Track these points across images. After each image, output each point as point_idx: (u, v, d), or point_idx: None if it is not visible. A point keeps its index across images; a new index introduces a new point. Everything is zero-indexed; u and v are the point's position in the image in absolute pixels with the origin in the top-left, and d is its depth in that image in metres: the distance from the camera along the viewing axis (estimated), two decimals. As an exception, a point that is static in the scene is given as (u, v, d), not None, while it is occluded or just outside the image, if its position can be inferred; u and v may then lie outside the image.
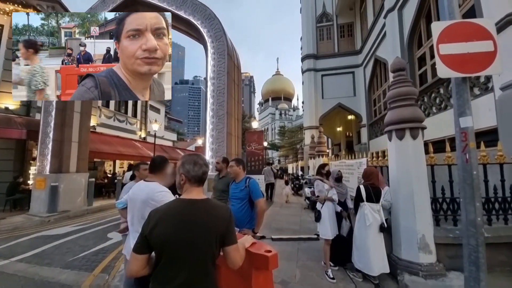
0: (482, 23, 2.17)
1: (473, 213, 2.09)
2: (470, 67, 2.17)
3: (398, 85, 3.44)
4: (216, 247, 1.20)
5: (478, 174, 2.13)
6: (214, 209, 1.26)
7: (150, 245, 1.15)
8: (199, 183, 1.27)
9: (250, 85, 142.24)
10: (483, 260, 2.01)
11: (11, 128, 8.23)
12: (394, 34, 8.50)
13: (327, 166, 3.78)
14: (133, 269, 1.17)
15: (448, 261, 3.01)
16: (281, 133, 45.16)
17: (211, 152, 6.30)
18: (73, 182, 8.22)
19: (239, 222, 2.59)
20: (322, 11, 15.33)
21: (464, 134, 2.20)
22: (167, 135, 21.42)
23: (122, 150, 12.67)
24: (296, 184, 12.44)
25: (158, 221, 1.17)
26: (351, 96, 13.99)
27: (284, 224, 6.08)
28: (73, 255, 4.25)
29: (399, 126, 3.28)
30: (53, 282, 3.27)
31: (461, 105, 2.23)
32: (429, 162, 3.37)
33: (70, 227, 6.25)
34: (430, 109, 6.80)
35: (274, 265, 1.50)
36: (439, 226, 3.26)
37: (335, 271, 3.39)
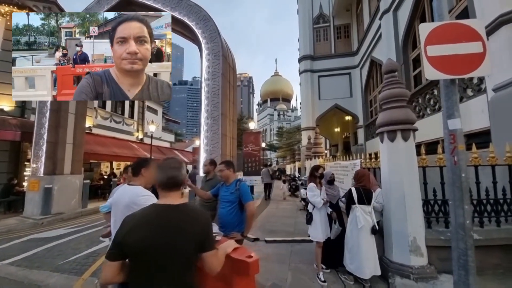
0: (471, 24, 2.16)
1: (461, 216, 2.07)
2: (459, 69, 2.16)
3: (390, 87, 3.43)
4: (194, 253, 1.17)
5: (467, 177, 2.11)
6: (191, 214, 1.23)
7: (124, 252, 1.12)
8: (169, 188, 1.23)
9: (249, 86, 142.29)
10: (473, 264, 1.99)
11: (5, 130, 8.16)
12: (389, 35, 8.52)
13: (321, 168, 3.75)
14: (107, 275, 1.14)
15: (439, 264, 2.99)
16: (279, 134, 45.15)
17: (205, 154, 6.26)
18: (67, 184, 8.15)
19: (228, 225, 2.57)
20: (319, 12, 15.36)
21: (453, 136, 2.18)
22: (165, 136, 21.36)
23: (117, 151, 12.61)
24: (292, 185, 12.42)
25: (132, 227, 1.14)
26: (347, 97, 14.01)
27: (278, 226, 6.05)
28: (64, 258, 4.20)
29: (390, 128, 3.26)
30: (42, 286, 3.22)
31: (449, 107, 2.21)
32: (421, 164, 3.36)
33: (63, 230, 6.19)
34: (425, 111, 6.81)
35: (255, 271, 1.47)
36: (430, 228, 3.24)
37: (327, 274, 3.36)
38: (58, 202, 7.63)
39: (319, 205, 3.37)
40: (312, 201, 3.45)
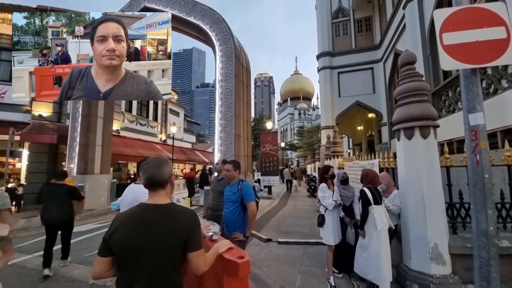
0: (492, 8, 1.93)
1: (484, 222, 1.86)
2: (479, 57, 1.94)
3: (406, 80, 3.18)
4: (178, 253, 1.19)
5: (490, 178, 1.89)
6: (176, 214, 1.24)
7: (110, 248, 1.17)
8: (153, 187, 1.25)
9: (269, 85, 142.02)
10: (495, 275, 1.77)
11: (44, 134, 9.07)
12: (414, 25, 7.92)
13: (331, 169, 3.60)
14: (96, 271, 1.20)
15: (465, 274, 2.71)
16: (299, 133, 44.40)
17: (220, 154, 6.36)
18: (97, 182, 8.83)
19: (231, 225, 2.58)
20: (338, 6, 14.79)
21: (474, 132, 1.97)
22: (186, 137, 22.12)
23: (143, 152, 13.33)
24: (311, 185, 12.12)
25: (118, 226, 1.19)
26: (370, 93, 13.29)
27: (293, 227, 5.94)
28: (89, 252, 4.54)
29: (407, 125, 3.02)
30: (66, 276, 3.52)
31: (470, 100, 2.00)
32: (444, 163, 3.06)
33: (93, 225, 6.70)
34: (455, 105, 6.21)
35: (245, 272, 1.45)
36: (456, 235, 2.94)
37: (338, 278, 3.22)
38: (89, 199, 8.28)
39: (330, 207, 3.23)
40: (323, 203, 3.32)
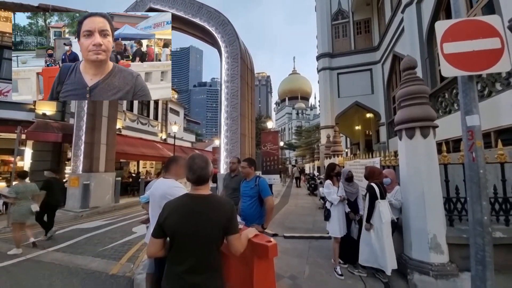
0: (488, 20, 2.15)
1: (479, 212, 2.09)
2: (476, 65, 2.16)
3: (408, 84, 3.42)
4: (219, 236, 1.39)
5: (485, 173, 2.12)
6: (217, 204, 1.44)
7: (164, 232, 1.37)
8: (198, 184, 1.45)
9: (267, 85, 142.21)
10: (490, 259, 2.00)
11: (48, 132, 9.14)
12: (412, 29, 8.19)
13: (337, 167, 3.82)
14: (151, 250, 1.40)
15: (461, 262, 2.95)
16: (298, 132, 44.69)
17: (225, 153, 6.56)
18: (102, 180, 8.94)
19: (249, 218, 2.77)
20: (337, 8, 15.06)
21: (471, 132, 2.19)
22: (186, 136, 22.23)
23: (144, 151, 13.45)
24: (312, 184, 12.38)
25: (169, 213, 1.38)
26: (368, 94, 13.60)
27: (297, 223, 6.17)
28: (102, 246, 4.71)
29: (408, 125, 3.26)
30: (85, 269, 3.68)
31: (467, 103, 2.22)
32: (442, 161, 3.31)
33: (100, 222, 6.84)
34: (452, 106, 6.49)
35: (274, 254, 1.66)
36: (452, 227, 3.19)
37: (344, 268, 3.45)
38: (94, 197, 8.42)
39: (335, 201, 3.46)
40: (328, 198, 3.55)
